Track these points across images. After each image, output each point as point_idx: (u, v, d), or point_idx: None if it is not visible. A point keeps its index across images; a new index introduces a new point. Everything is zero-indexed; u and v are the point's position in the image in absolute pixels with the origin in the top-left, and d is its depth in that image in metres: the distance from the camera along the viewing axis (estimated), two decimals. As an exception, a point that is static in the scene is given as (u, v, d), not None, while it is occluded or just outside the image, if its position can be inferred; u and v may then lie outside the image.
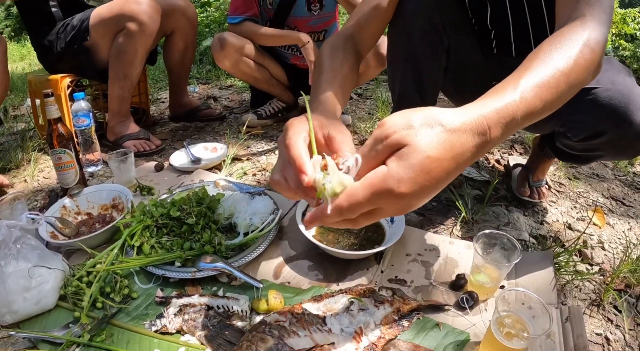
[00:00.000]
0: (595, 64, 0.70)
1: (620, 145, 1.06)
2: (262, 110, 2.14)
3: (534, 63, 0.65)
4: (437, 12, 1.12)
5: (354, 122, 2.19)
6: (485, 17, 1.19)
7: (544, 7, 1.11)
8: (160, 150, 1.90)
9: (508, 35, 1.19)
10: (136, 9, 1.72)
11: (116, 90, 1.86)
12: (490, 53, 1.25)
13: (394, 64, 1.25)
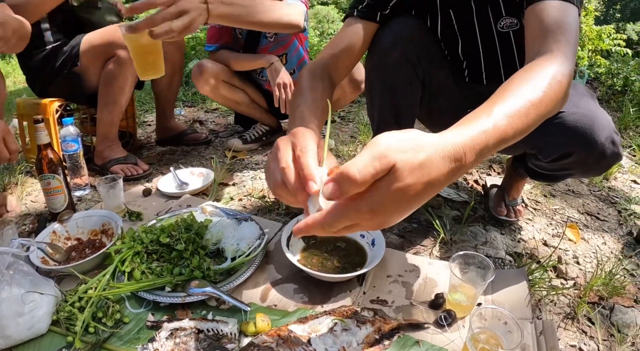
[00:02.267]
0: (562, 95, 0.77)
1: (587, 164, 1.15)
2: (247, 134, 2.20)
3: (506, 94, 0.71)
4: (411, 47, 1.20)
5: (337, 145, 2.25)
6: (457, 48, 1.27)
7: (512, 39, 1.20)
8: (148, 174, 1.93)
9: (479, 65, 1.28)
10: None
11: (105, 116, 1.90)
12: (462, 80, 1.33)
13: (372, 95, 1.33)
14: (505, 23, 1.19)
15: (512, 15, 1.17)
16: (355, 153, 2.11)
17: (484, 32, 1.23)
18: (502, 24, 1.19)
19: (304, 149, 0.63)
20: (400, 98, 1.29)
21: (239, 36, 2.07)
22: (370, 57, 1.26)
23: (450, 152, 0.57)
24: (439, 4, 1.23)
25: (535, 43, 0.88)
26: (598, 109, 1.11)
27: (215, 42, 2.05)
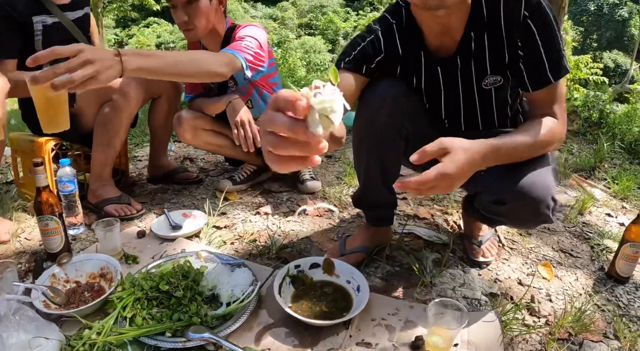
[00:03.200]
0: (553, 149, 1.26)
1: (518, 217, 1.32)
2: (236, 175, 2.30)
3: (515, 135, 1.18)
4: (396, 110, 1.33)
5: (324, 187, 2.35)
6: (439, 101, 1.41)
7: (493, 94, 1.34)
8: (141, 214, 2.00)
9: (459, 116, 1.42)
10: (123, 82, 1.87)
11: (99, 156, 1.98)
12: (442, 126, 1.46)
13: (359, 152, 1.46)
14: (489, 81, 1.31)
15: (496, 73, 1.29)
16: (341, 196, 2.22)
17: (466, 88, 1.35)
18: (486, 81, 1.31)
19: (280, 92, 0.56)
20: (385, 157, 1.42)
21: (211, 85, 2.19)
22: (358, 119, 1.39)
23: (479, 150, 1.08)
24: (424, 60, 1.33)
25: (544, 105, 1.24)
26: (547, 172, 1.25)
27: (191, 92, 2.19)
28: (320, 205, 2.13)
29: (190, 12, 1.85)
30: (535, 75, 1.21)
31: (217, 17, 1.98)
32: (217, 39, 2.04)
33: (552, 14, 1.15)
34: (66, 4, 2.01)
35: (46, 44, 1.93)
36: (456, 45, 1.27)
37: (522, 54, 1.21)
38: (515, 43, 1.21)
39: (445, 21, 1.20)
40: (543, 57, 1.18)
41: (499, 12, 1.19)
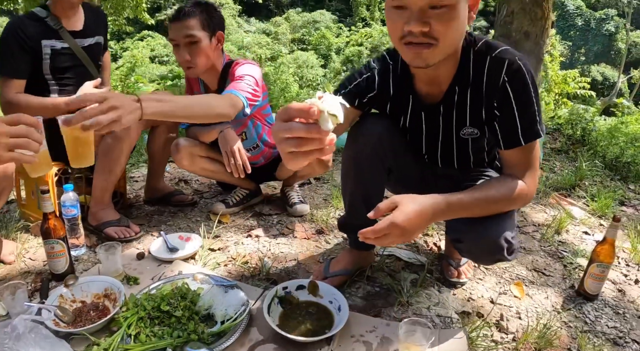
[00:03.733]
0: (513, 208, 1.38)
1: (474, 255, 1.48)
2: (229, 198, 2.43)
3: (474, 192, 1.27)
4: (381, 145, 1.49)
5: (312, 209, 2.48)
6: (420, 140, 1.55)
7: (469, 144, 1.47)
8: (139, 236, 2.12)
9: (436, 155, 1.56)
10: None
11: (101, 182, 2.10)
12: (422, 160, 1.61)
13: (346, 180, 1.62)
14: (467, 131, 1.42)
15: (474, 126, 1.40)
16: (328, 219, 2.35)
17: (446, 134, 1.47)
18: (464, 131, 1.42)
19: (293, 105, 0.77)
20: (369, 185, 1.58)
21: None
22: (347, 150, 1.56)
23: (432, 205, 1.19)
24: (412, 103, 1.46)
25: (517, 168, 1.33)
26: (504, 216, 1.37)
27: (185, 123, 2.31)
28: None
29: (192, 52, 1.99)
30: (507, 135, 1.31)
31: (216, 55, 2.12)
32: (215, 74, 2.18)
33: (532, 79, 1.25)
34: (78, 30, 2.15)
35: (53, 69, 2.07)
36: (442, 95, 1.38)
37: (498, 114, 1.31)
38: (493, 104, 1.31)
39: (432, 73, 1.32)
40: (517, 120, 1.27)
41: (483, 73, 1.29)
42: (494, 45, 1.29)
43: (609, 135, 4.91)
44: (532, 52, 4.99)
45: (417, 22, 1.10)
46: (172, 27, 1.99)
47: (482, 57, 1.29)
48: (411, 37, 1.14)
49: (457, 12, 1.12)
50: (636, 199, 3.35)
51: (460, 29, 1.18)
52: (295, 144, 0.75)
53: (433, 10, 1.10)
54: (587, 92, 13.77)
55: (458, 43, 1.24)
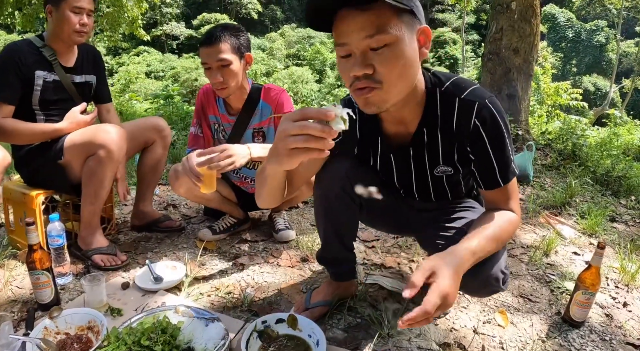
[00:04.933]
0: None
1: (469, 288, 1.44)
2: (216, 225, 2.42)
3: (485, 232, 1.21)
4: (348, 183, 1.47)
5: (298, 235, 2.47)
6: (393, 180, 1.53)
7: (444, 180, 1.45)
8: (125, 265, 2.11)
9: (412, 191, 1.54)
10: (105, 138, 1.99)
11: (88, 206, 2.10)
12: (397, 194, 1.59)
13: (317, 217, 1.62)
14: (441, 170, 1.40)
15: (447, 165, 1.38)
16: (313, 245, 2.34)
17: (419, 173, 1.45)
18: (438, 170, 1.41)
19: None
20: (340, 223, 1.58)
21: (221, 138, 2.32)
22: (315, 189, 1.55)
23: (460, 264, 1.10)
24: (380, 146, 1.44)
25: (501, 201, 1.33)
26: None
27: (192, 146, 2.31)
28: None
29: (224, 74, 2.03)
30: (486, 178, 1.31)
31: (244, 76, 2.17)
32: (243, 95, 2.21)
33: (504, 120, 1.24)
34: (71, 66, 2.19)
35: (42, 100, 2.10)
36: (410, 137, 1.35)
37: (473, 158, 1.31)
38: (465, 147, 1.30)
39: (398, 115, 1.30)
40: (494, 164, 1.27)
41: (452, 116, 1.27)
42: (462, 85, 1.27)
43: (601, 148, 4.93)
44: (522, 68, 5.05)
45: (359, 66, 1.08)
46: (203, 51, 2.02)
47: (450, 99, 1.26)
48: (357, 82, 1.11)
49: (401, 51, 1.08)
50: (627, 214, 3.38)
51: (409, 68, 1.12)
52: (304, 140, 0.88)
53: (374, 52, 1.08)
54: (579, 104, 13.90)
55: (409, 83, 1.17)
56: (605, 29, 31.68)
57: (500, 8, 5.03)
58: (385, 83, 1.10)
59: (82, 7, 2.07)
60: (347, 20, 1.06)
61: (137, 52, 31.68)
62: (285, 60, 27.71)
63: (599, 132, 7.49)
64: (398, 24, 1.06)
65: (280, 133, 0.92)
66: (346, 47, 1.09)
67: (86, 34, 2.12)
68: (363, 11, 1.04)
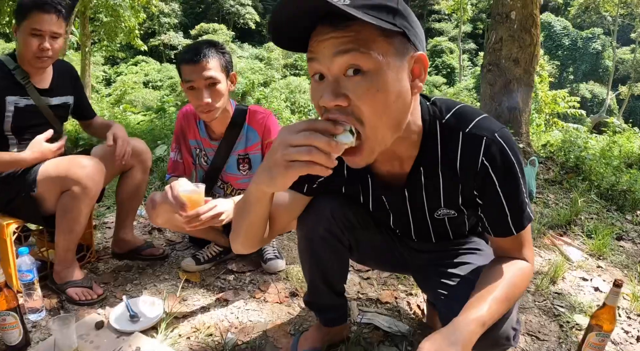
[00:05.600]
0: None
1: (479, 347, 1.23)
2: (201, 254, 2.26)
3: (495, 294, 1.03)
4: (334, 223, 1.30)
5: (288, 265, 2.31)
6: (387, 220, 1.34)
7: (446, 222, 1.26)
8: (102, 299, 1.96)
9: (409, 232, 1.35)
10: (80, 173, 1.84)
11: (62, 242, 1.95)
12: (393, 233, 1.42)
13: (302, 260, 1.44)
14: (442, 212, 1.21)
15: (450, 208, 1.19)
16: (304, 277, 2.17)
17: (416, 216, 1.26)
18: (439, 213, 1.21)
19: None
20: (328, 268, 1.40)
21: (204, 163, 2.16)
22: (297, 230, 1.37)
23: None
24: (371, 185, 1.23)
25: (513, 249, 1.15)
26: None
27: (172, 173, 2.15)
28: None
29: (212, 94, 1.86)
30: (496, 226, 1.12)
31: (228, 97, 2.00)
32: (226, 117, 2.04)
33: (516, 156, 1.04)
34: (46, 88, 2.04)
35: (15, 126, 1.95)
36: (406, 177, 1.15)
37: (482, 202, 1.12)
38: (471, 188, 1.11)
39: (389, 151, 1.04)
40: (505, 210, 1.08)
41: (456, 153, 1.07)
42: (466, 116, 1.07)
43: (601, 158, 4.83)
44: (522, 79, 4.93)
45: (330, 94, 0.86)
46: (189, 68, 1.83)
47: (453, 134, 1.06)
48: (332, 113, 0.88)
49: (384, 82, 0.86)
50: (634, 231, 3.30)
51: (392, 106, 0.89)
52: (307, 152, 0.79)
53: (350, 79, 0.86)
54: (577, 112, 13.86)
55: (394, 124, 0.94)
56: (601, 36, 31.88)
57: (499, 18, 4.90)
58: (367, 124, 0.89)
59: (43, 29, 1.87)
60: (321, 36, 0.87)
61: (135, 62, 31.77)
62: (283, 70, 27.73)
63: (597, 139, 7.40)
64: (384, 47, 0.85)
65: (279, 143, 0.82)
66: (316, 64, 0.89)
67: (49, 58, 1.94)
68: (341, 29, 0.84)
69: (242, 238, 1.19)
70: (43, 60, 1.93)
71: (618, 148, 5.99)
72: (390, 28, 0.84)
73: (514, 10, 4.81)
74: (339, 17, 0.83)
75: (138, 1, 17.27)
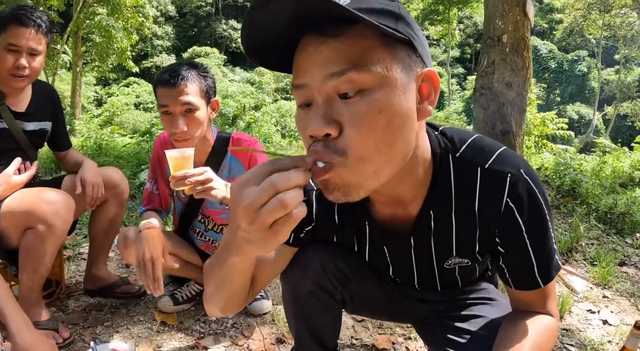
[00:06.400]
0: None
1: None
2: (179, 293, 2.06)
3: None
4: (324, 276, 1.12)
5: (274, 305, 2.12)
6: (386, 270, 1.17)
7: (456, 271, 1.09)
8: (69, 343, 1.78)
9: (412, 281, 1.17)
10: (47, 210, 1.66)
11: (25, 282, 1.77)
12: (392, 283, 1.24)
13: (287, 316, 1.26)
14: (454, 262, 1.04)
15: (464, 257, 1.03)
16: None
17: (423, 267, 1.09)
18: (450, 262, 1.05)
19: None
20: (317, 324, 1.21)
21: (182, 195, 1.98)
22: (282, 283, 1.18)
23: None
24: (369, 233, 1.06)
25: (538, 303, 0.98)
26: None
27: (146, 205, 1.98)
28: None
29: (189, 121, 1.68)
30: (520, 277, 0.96)
31: (208, 125, 1.83)
32: (206, 147, 1.87)
33: (544, 197, 0.90)
34: (22, 112, 1.88)
35: None
36: (412, 223, 0.97)
37: (503, 251, 0.95)
38: (492, 235, 0.94)
39: (391, 193, 0.90)
40: (532, 259, 0.92)
41: (474, 192, 0.90)
42: (484, 149, 0.91)
43: (597, 182, 4.79)
44: (515, 102, 4.86)
45: (318, 121, 0.70)
46: (164, 92, 1.66)
47: (470, 170, 0.90)
48: (315, 145, 0.71)
49: (387, 102, 0.70)
50: (636, 255, 3.25)
51: (397, 132, 0.73)
52: (281, 206, 0.61)
53: (344, 102, 0.70)
54: (565, 133, 14.02)
55: (397, 156, 0.76)
56: (586, 58, 32.58)
57: (491, 41, 4.86)
58: (351, 156, 0.71)
59: (19, 45, 1.73)
60: (308, 50, 0.71)
61: (126, 83, 31.91)
62: (274, 94, 27.86)
63: (586, 160, 7.40)
64: (387, 60, 0.70)
65: (245, 210, 0.62)
66: (305, 90, 0.73)
67: (26, 78, 1.79)
68: (334, 38, 0.69)
69: (221, 305, 1.00)
70: (19, 80, 1.77)
71: (609, 168, 5.99)
72: (398, 35, 0.70)
73: (506, 34, 4.77)
74: (330, 24, 0.69)
75: (131, 22, 17.41)
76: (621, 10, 26.28)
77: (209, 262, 0.95)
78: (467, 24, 42.72)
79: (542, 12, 40.44)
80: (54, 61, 16.63)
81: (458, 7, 27.09)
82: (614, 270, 2.75)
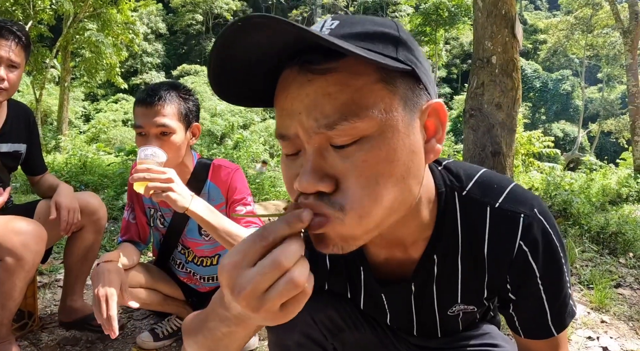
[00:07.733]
0: None
1: None
2: (160, 328, 1.94)
3: None
4: (315, 328, 1.01)
5: (261, 340, 2.00)
6: (383, 318, 1.06)
7: (459, 318, 0.99)
8: (40, 382, 1.65)
9: (410, 329, 1.06)
10: (15, 242, 1.55)
11: None
12: (389, 328, 1.11)
13: None
14: (458, 309, 0.94)
15: (469, 304, 0.93)
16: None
17: (423, 315, 0.99)
18: (454, 309, 0.95)
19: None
20: None
21: (160, 226, 1.87)
22: (268, 334, 1.06)
23: None
24: (364, 280, 0.95)
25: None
26: None
27: (123, 236, 1.86)
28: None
29: (163, 145, 1.55)
30: (532, 326, 0.88)
31: (188, 150, 1.73)
32: (185, 173, 1.74)
33: (560, 241, 0.81)
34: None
35: None
36: (413, 268, 0.87)
37: (514, 297, 0.86)
38: (503, 281, 0.85)
39: (390, 236, 0.81)
40: (545, 306, 0.83)
41: (483, 236, 0.82)
42: (493, 184, 0.82)
43: (586, 200, 4.81)
44: (505, 123, 4.87)
45: (309, 176, 0.60)
46: (140, 111, 1.55)
47: (478, 209, 0.81)
48: (306, 196, 0.62)
49: (388, 150, 0.60)
50: (630, 275, 3.26)
51: (400, 181, 0.63)
52: (290, 288, 0.55)
53: (339, 152, 0.60)
54: (552, 151, 14.21)
55: (399, 206, 0.66)
56: (570, 77, 33.27)
57: (480, 63, 4.88)
58: (350, 213, 0.61)
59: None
60: (290, 90, 0.61)
61: (115, 99, 31.92)
62: (262, 113, 27.90)
63: (571, 176, 7.46)
64: (386, 99, 0.60)
65: (247, 299, 0.54)
66: (292, 140, 0.63)
67: (4, 91, 1.70)
68: (321, 75, 0.59)
69: None
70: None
71: (597, 185, 6.03)
72: (396, 66, 0.59)
73: (495, 55, 4.79)
74: (315, 56, 0.58)
75: (121, 39, 17.41)
76: (603, 30, 26.92)
77: (190, 326, 0.83)
78: (454, 45, 43.55)
79: (527, 33, 41.33)
80: (42, 75, 16.54)
81: (445, 28, 27.62)
82: (611, 293, 2.71)
